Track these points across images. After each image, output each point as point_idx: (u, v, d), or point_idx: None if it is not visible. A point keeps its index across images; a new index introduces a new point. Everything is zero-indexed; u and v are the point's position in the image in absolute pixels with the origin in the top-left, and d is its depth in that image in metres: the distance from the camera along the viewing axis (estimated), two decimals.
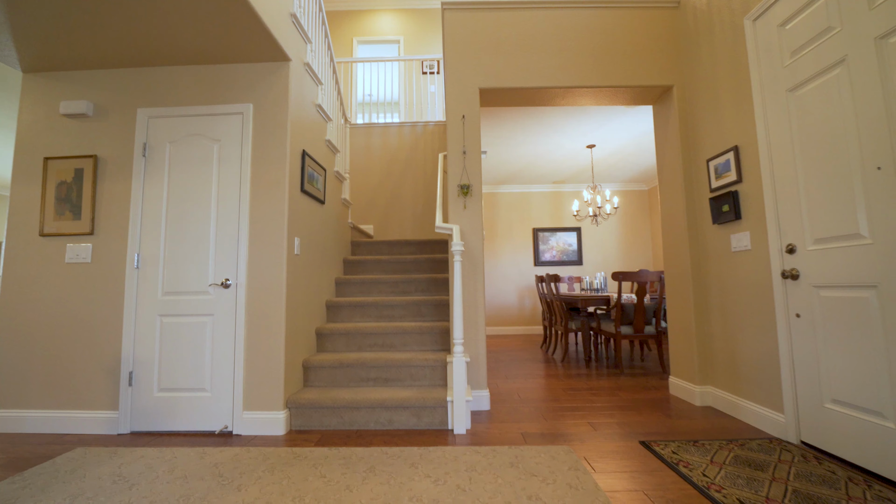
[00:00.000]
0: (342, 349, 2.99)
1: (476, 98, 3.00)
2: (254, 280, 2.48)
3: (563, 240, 7.14)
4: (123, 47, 2.43)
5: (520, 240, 7.12)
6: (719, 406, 2.69)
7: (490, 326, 6.92)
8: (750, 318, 2.44)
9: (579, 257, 7.09)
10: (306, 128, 2.88)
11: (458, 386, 2.37)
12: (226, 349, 2.45)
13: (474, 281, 2.88)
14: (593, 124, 4.49)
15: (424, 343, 2.99)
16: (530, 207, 7.19)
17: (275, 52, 2.49)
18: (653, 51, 3.06)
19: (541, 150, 5.27)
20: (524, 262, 7.08)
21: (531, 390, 3.25)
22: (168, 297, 2.50)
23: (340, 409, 2.45)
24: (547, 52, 3.05)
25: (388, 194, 5.06)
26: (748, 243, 2.45)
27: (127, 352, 2.46)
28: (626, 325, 4.00)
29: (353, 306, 3.26)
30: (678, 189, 3.01)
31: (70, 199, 2.57)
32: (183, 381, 2.45)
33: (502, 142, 4.97)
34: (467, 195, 2.93)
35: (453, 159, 2.97)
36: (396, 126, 5.15)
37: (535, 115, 4.18)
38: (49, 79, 2.67)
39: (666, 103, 3.14)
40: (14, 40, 2.35)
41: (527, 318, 6.95)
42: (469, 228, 2.91)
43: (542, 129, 4.60)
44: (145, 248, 2.53)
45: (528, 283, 7.04)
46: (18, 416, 2.47)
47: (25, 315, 2.53)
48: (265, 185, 2.53)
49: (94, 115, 2.62)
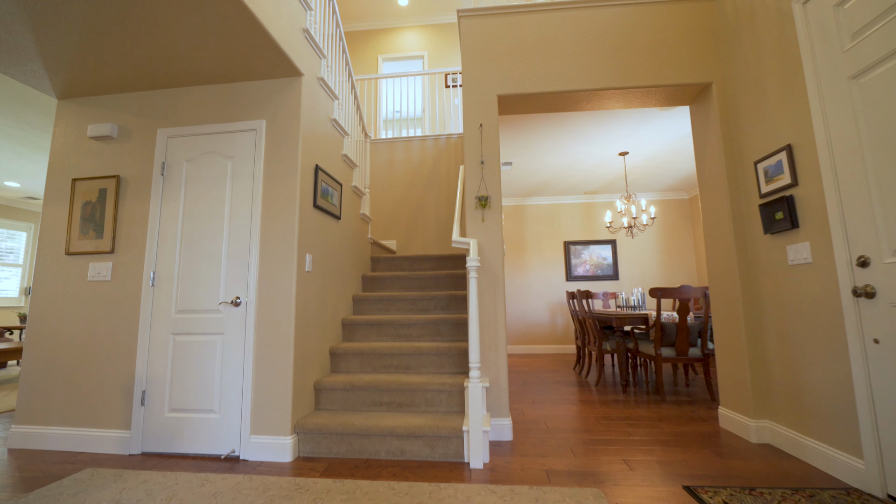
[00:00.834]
0: (356, 370, 2.86)
1: (494, 105, 2.86)
2: (263, 298, 2.41)
3: (597, 253, 6.78)
4: (144, 71, 2.49)
5: (550, 254, 6.83)
6: (780, 444, 2.32)
7: (518, 345, 6.62)
8: (815, 342, 2.10)
9: (615, 271, 6.69)
10: (320, 142, 2.83)
11: (475, 415, 2.17)
12: (235, 370, 2.38)
13: (494, 299, 2.68)
14: (625, 130, 4.22)
15: (442, 365, 2.81)
16: (560, 220, 6.90)
17: (286, 67, 2.47)
18: (686, 46, 2.81)
19: (569, 159, 5.04)
20: (555, 276, 6.77)
21: (560, 418, 2.97)
22: (181, 316, 2.47)
23: (350, 437, 2.31)
24: (569, 55, 2.87)
25: (412, 209, 4.98)
26: (808, 255, 2.12)
27: (141, 370, 2.45)
28: (668, 347, 3.64)
29: (369, 325, 3.14)
30: (722, 196, 2.71)
31: (94, 219, 2.63)
32: (193, 402, 2.39)
33: (528, 152, 4.79)
34: (486, 207, 2.77)
35: (471, 170, 2.82)
36: (419, 140, 5.10)
37: (560, 122, 3.98)
38: (79, 104, 2.78)
39: (704, 102, 2.87)
40: (45, 68, 2.46)
41: (559, 337, 6.60)
42: (488, 243, 2.74)
43: (570, 138, 4.38)
44: (161, 266, 2.53)
45: (560, 298, 6.71)
46: (41, 432, 2.50)
47: (51, 332, 2.58)
48: (276, 200, 2.48)
49: (118, 137, 2.69)
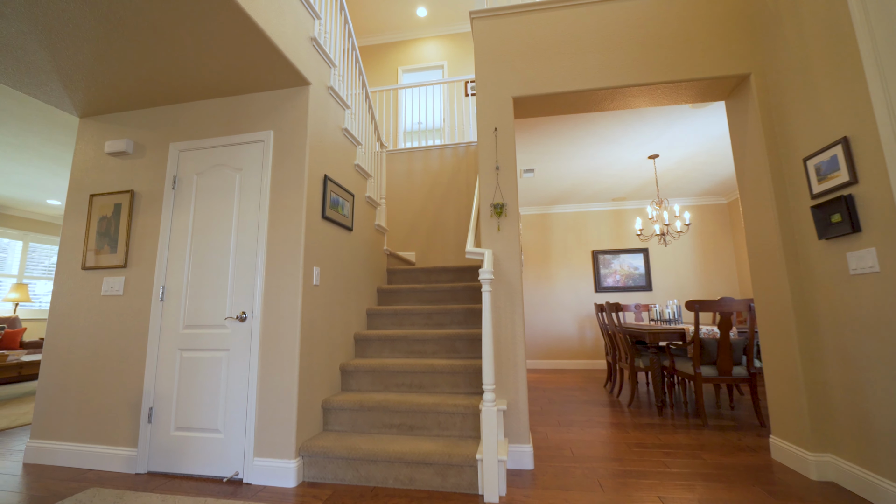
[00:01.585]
0: (367, 388, 2.73)
1: (509, 108, 2.71)
2: (269, 313, 2.32)
3: (628, 263, 6.43)
4: (155, 86, 2.50)
5: (578, 264, 6.53)
6: (846, 483, 1.99)
7: (544, 359, 6.31)
8: (884, 364, 1.79)
9: (647, 282, 6.31)
10: (330, 152, 2.76)
11: (489, 442, 1.97)
12: (240, 388, 2.29)
13: (511, 313, 2.50)
14: (654, 131, 3.96)
15: (457, 384, 2.63)
16: (587, 228, 6.60)
17: (293, 76, 2.42)
18: (719, 36, 2.57)
19: (595, 164, 4.80)
20: (583, 287, 6.45)
21: (588, 444, 2.72)
22: (188, 331, 2.42)
23: (357, 462, 2.16)
24: (588, 52, 2.69)
25: (430, 219, 4.86)
26: (874, 263, 1.83)
27: (149, 387, 2.40)
28: (709, 366, 3.31)
29: (382, 340, 3.00)
30: (766, 198, 2.43)
31: (109, 234, 2.65)
32: (198, 421, 2.32)
33: (550, 158, 4.59)
34: (501, 215, 2.60)
35: (485, 176, 2.67)
36: (438, 149, 5.00)
37: (584, 125, 3.78)
38: (99, 121, 2.83)
39: (742, 96, 2.61)
40: (64, 87, 2.51)
41: (588, 351, 6.25)
42: (504, 253, 2.56)
43: (595, 141, 4.16)
44: (170, 280, 2.50)
45: (589, 311, 6.38)
46: (53, 447, 2.49)
47: (66, 346, 2.59)
48: (283, 212, 2.41)
49: (133, 153, 2.71)
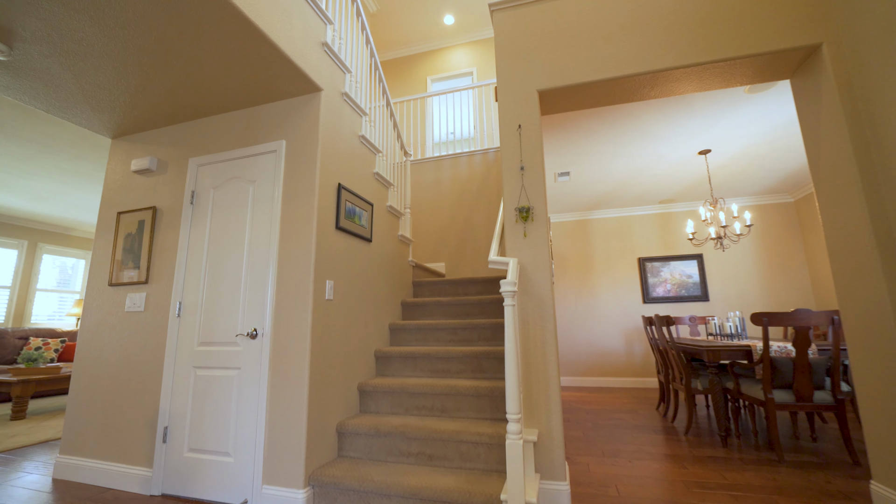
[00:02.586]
0: (386, 410, 2.53)
1: (535, 103, 2.47)
2: (279, 330, 2.20)
3: (680, 270, 5.86)
4: (175, 104, 2.51)
5: (623, 272, 6.05)
6: None
7: (588, 377, 5.84)
8: None
9: (703, 291, 5.70)
10: (345, 160, 2.65)
11: (514, 482, 1.70)
12: (250, 410, 2.18)
13: (542, 329, 2.22)
14: (703, 122, 3.55)
15: (482, 409, 2.37)
16: (632, 234, 6.11)
17: (303, 82, 2.33)
18: (780, 1, 2.21)
19: (637, 164, 4.40)
20: (629, 298, 5.95)
21: (637, 481, 2.35)
22: (202, 348, 2.36)
23: (368, 495, 1.96)
24: (622, 34, 2.41)
25: (460, 228, 4.66)
26: None
27: (164, 405, 2.35)
28: (783, 389, 2.82)
29: (403, 358, 2.81)
30: (850, 190, 2.01)
31: (133, 250, 2.67)
32: (210, 443, 2.22)
33: (586, 159, 4.26)
34: (528, 220, 2.34)
35: (509, 178, 2.44)
36: (466, 155, 4.82)
37: (622, 120, 3.45)
38: (127, 141, 2.91)
39: (812, 71, 2.21)
40: (91, 109, 2.59)
41: (637, 368, 5.72)
42: (532, 262, 2.30)
43: (635, 138, 3.80)
44: (187, 296, 2.46)
45: (637, 324, 5.86)
46: (79, 464, 2.49)
47: (92, 362, 2.62)
48: (294, 223, 2.30)
49: (156, 170, 2.74)
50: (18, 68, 2.19)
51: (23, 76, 2.25)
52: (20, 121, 3.37)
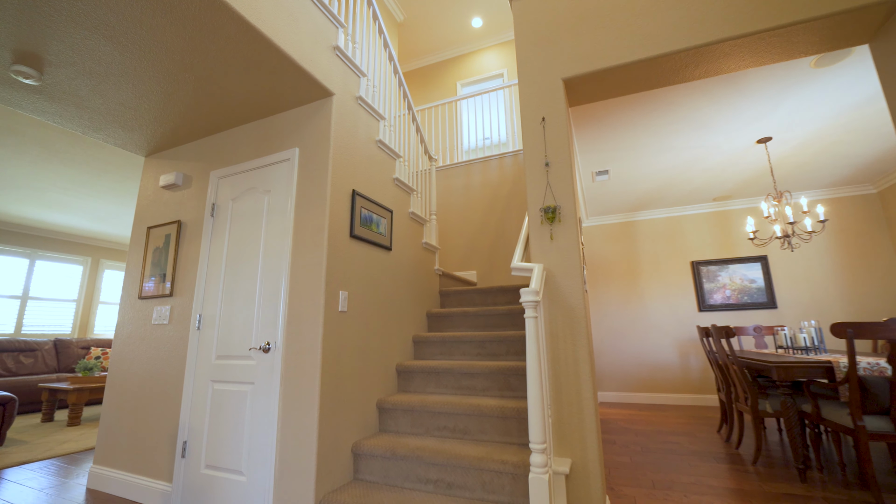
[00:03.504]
0: (406, 430, 2.37)
1: (560, 93, 2.25)
2: (290, 344, 2.11)
3: (741, 274, 5.27)
4: (197, 119, 2.54)
5: (674, 278, 5.54)
6: None
7: (638, 392, 5.36)
8: None
9: (769, 297, 5.08)
10: (360, 165, 2.55)
11: None
12: (263, 427, 2.09)
13: (574, 343, 1.97)
14: (761, 106, 3.13)
15: (509, 432, 2.14)
16: (683, 235, 5.60)
17: (313, 86, 2.26)
18: None
19: (684, 157, 3.99)
20: (683, 306, 5.43)
21: None
22: (219, 362, 2.32)
23: None
24: (657, 8, 2.13)
25: (492, 234, 4.45)
26: None
27: (184, 419, 2.33)
28: (878, 416, 2.35)
29: (426, 373, 2.64)
30: None
31: (160, 264, 2.72)
32: (223, 460, 2.16)
33: (626, 155, 3.92)
34: (554, 221, 2.11)
35: (533, 176, 2.22)
36: (497, 158, 4.62)
37: (663, 110, 3.11)
38: (158, 158, 3.00)
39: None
40: (121, 128, 2.68)
41: (694, 384, 5.16)
42: (560, 267, 2.06)
43: (681, 129, 3.43)
44: (207, 308, 2.45)
45: (691, 334, 5.32)
46: (109, 475, 2.53)
47: (123, 374, 2.67)
48: (306, 232, 2.22)
49: (182, 185, 2.79)
50: (51, 92, 2.29)
51: (56, 100, 2.36)
52: (72, 147, 3.61)
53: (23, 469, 2.91)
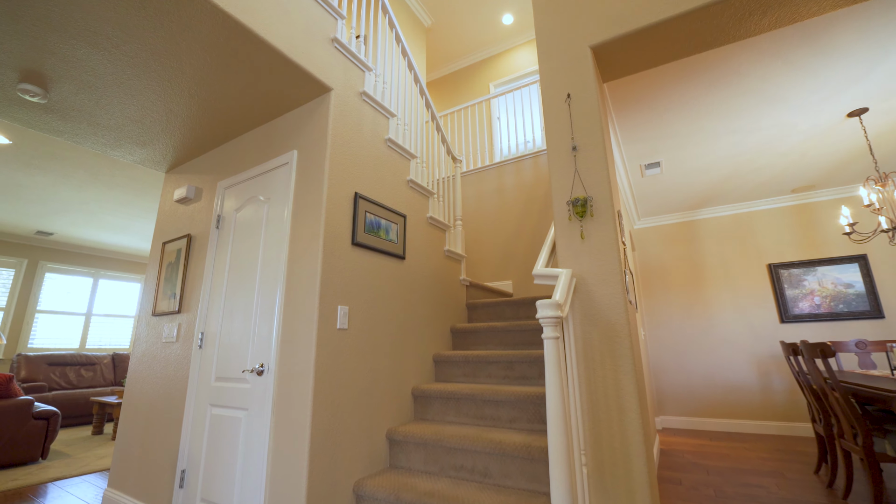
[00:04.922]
0: (418, 467, 2.04)
1: (588, 64, 1.87)
2: (283, 366, 1.88)
3: (833, 277, 4.42)
4: (205, 131, 2.45)
5: (746, 284, 4.77)
6: None
7: (709, 418, 4.61)
8: None
9: (874, 305, 4.19)
10: (365, 166, 2.32)
11: None
12: (255, 459, 1.86)
13: (615, 367, 1.56)
14: (852, 70, 2.52)
15: (538, 477, 1.75)
16: (756, 234, 4.83)
17: (308, 81, 2.07)
18: None
19: (752, 141, 3.38)
20: (760, 317, 4.64)
21: None
22: (218, 384, 2.15)
23: None
24: None
25: (528, 241, 4.05)
26: None
27: (184, 445, 2.17)
28: None
29: (445, 398, 2.31)
30: None
31: (171, 279, 2.64)
32: (217, 494, 1.96)
33: (680, 142, 3.39)
34: (585, 216, 1.73)
35: (557, 163, 1.85)
36: (531, 157, 4.24)
37: (722, 81, 2.60)
38: (175, 173, 2.97)
39: None
40: (136, 145, 2.66)
41: (779, 409, 4.35)
42: (595, 274, 1.66)
43: (747, 104, 2.87)
44: (209, 325, 2.30)
45: (773, 349, 4.52)
46: (117, 500, 2.43)
47: (136, 394, 2.60)
48: (301, 241, 2.00)
49: (193, 197, 2.72)
50: (60, 110, 2.29)
51: (67, 118, 2.36)
52: (110, 168, 3.73)
53: (53, 486, 2.93)
